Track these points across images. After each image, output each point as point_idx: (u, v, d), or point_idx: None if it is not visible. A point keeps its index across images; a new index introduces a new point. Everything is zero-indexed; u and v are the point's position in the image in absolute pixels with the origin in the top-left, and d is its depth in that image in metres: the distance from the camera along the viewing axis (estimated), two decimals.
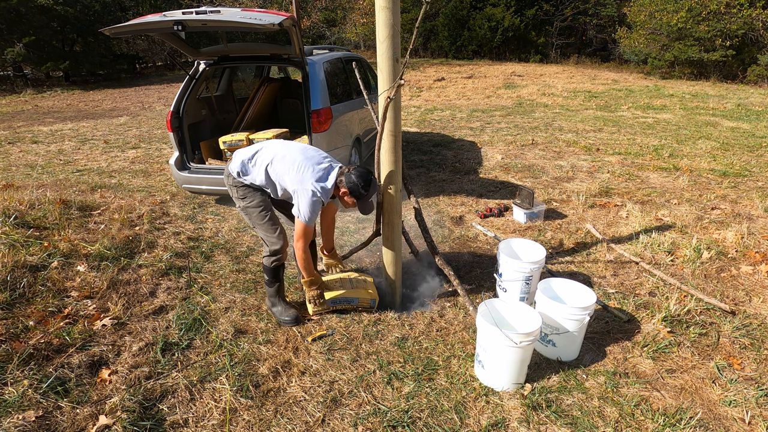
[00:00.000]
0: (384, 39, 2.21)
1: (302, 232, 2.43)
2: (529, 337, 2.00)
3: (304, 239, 2.45)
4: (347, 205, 2.51)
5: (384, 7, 2.14)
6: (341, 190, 2.43)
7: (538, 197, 4.63)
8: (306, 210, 2.36)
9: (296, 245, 2.47)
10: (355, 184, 2.39)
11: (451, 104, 11.35)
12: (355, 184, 2.39)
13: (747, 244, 3.52)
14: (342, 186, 2.42)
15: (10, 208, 3.49)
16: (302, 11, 18.31)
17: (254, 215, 2.55)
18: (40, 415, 1.90)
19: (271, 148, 2.52)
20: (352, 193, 2.41)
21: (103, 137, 8.14)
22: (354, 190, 2.40)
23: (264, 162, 2.47)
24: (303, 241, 2.45)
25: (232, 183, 2.60)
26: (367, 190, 2.41)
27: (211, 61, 4.31)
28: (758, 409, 2.01)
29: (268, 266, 2.60)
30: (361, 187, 2.39)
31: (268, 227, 2.55)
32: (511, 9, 20.91)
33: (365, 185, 2.39)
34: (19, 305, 2.57)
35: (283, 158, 2.44)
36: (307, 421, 1.96)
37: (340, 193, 2.45)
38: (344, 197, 2.46)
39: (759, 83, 14.18)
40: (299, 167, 2.39)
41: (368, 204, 2.50)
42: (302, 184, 2.36)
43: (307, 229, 2.43)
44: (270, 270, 2.61)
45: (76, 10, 17.52)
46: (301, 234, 2.43)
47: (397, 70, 2.29)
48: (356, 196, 2.41)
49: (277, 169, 2.44)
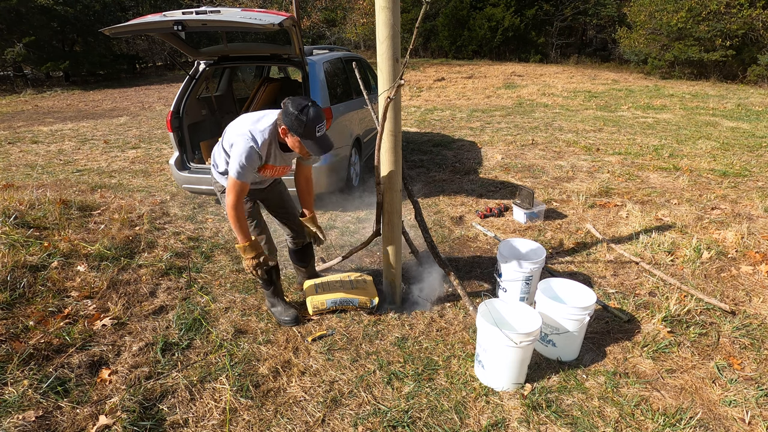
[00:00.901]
0: (384, 39, 2.21)
1: (230, 186, 2.15)
2: (529, 337, 2.00)
3: (233, 195, 2.15)
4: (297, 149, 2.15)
5: (384, 7, 2.14)
6: (282, 131, 2.11)
7: (538, 197, 4.62)
8: (235, 160, 2.08)
9: (226, 203, 2.19)
10: (290, 116, 2.02)
11: (451, 104, 11.35)
12: (290, 116, 2.02)
13: (747, 244, 3.52)
14: (280, 125, 2.10)
15: (10, 208, 3.49)
16: (302, 11, 18.31)
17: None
18: (40, 415, 1.90)
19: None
20: (291, 128, 2.04)
21: (103, 137, 8.14)
22: (291, 124, 2.03)
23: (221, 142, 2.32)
24: (232, 197, 2.15)
25: (219, 189, 2.52)
26: (306, 118, 2.01)
27: (211, 61, 4.31)
28: (758, 409, 2.01)
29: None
30: (296, 116, 2.00)
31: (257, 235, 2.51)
32: (511, 9, 20.91)
33: (301, 112, 2.00)
34: (19, 305, 2.57)
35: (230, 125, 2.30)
36: (307, 421, 1.96)
37: (282, 134, 2.13)
38: (286, 137, 2.13)
39: (759, 83, 14.18)
40: (239, 122, 2.22)
41: (321, 140, 2.09)
42: (237, 132, 2.13)
43: (236, 184, 2.13)
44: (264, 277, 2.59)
45: (76, 10, 17.53)
46: (229, 189, 2.15)
47: (397, 70, 2.29)
48: (297, 131, 2.04)
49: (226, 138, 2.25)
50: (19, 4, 15.56)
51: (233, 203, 2.16)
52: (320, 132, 2.08)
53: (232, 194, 2.14)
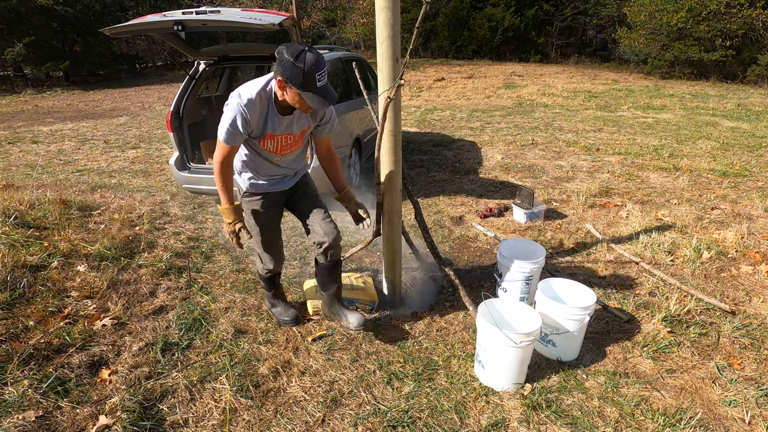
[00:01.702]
0: (384, 39, 2.21)
1: (216, 152, 2.01)
2: (529, 337, 2.00)
3: (219, 156, 2.01)
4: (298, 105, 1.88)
5: (384, 7, 2.14)
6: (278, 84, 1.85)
7: (538, 197, 4.63)
8: (222, 121, 1.91)
9: (215, 162, 2.06)
10: (286, 64, 1.74)
11: (451, 104, 11.35)
12: (286, 64, 1.74)
13: (747, 244, 3.52)
14: (276, 77, 1.83)
15: (10, 208, 3.49)
16: (302, 11, 18.31)
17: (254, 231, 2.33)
18: (40, 415, 1.90)
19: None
20: (288, 78, 1.75)
21: (103, 137, 8.14)
22: (287, 73, 1.75)
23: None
24: (218, 157, 2.01)
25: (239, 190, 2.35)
26: (303, 65, 1.73)
27: (211, 61, 4.31)
28: (758, 409, 2.01)
29: (262, 275, 2.57)
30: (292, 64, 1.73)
31: (264, 248, 2.38)
32: (511, 9, 20.90)
33: (297, 58, 1.73)
34: (19, 305, 2.57)
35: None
36: (307, 421, 1.96)
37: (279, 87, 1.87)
38: (284, 92, 1.85)
39: (759, 83, 14.18)
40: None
41: (323, 90, 1.80)
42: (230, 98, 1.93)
43: (222, 146, 1.97)
44: (264, 279, 2.58)
45: (76, 10, 17.53)
46: (216, 154, 2.02)
47: (397, 70, 2.29)
48: (294, 81, 1.76)
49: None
50: (19, 4, 15.56)
51: (218, 163, 2.01)
52: (321, 81, 1.78)
53: (218, 155, 2.01)
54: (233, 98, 1.89)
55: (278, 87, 1.86)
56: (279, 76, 1.80)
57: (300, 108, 1.90)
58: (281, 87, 1.84)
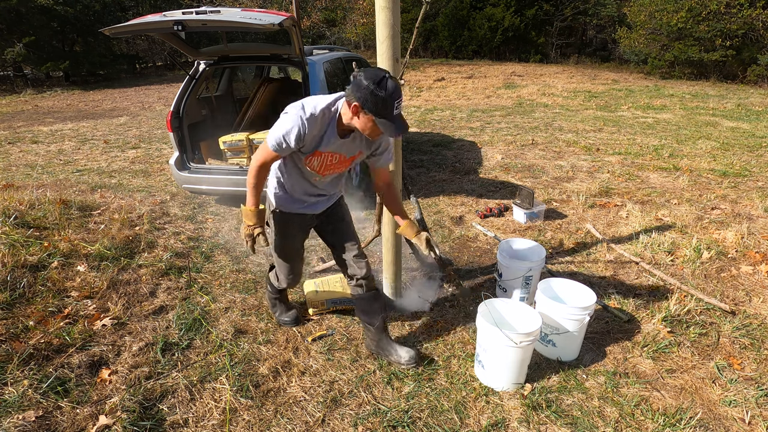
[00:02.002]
0: (384, 39, 2.21)
1: (259, 153, 1.92)
2: (529, 337, 2.00)
3: (260, 158, 1.92)
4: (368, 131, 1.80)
5: (384, 7, 2.14)
6: (351, 106, 1.74)
7: (538, 197, 4.62)
8: (276, 126, 1.83)
9: (253, 162, 1.96)
10: (364, 89, 1.66)
11: (451, 104, 11.35)
12: (364, 89, 1.66)
13: (747, 244, 3.52)
14: (350, 101, 1.74)
15: (10, 208, 3.49)
16: (302, 11, 18.31)
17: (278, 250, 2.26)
18: (40, 415, 1.90)
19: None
20: (365, 104, 1.68)
21: (103, 137, 8.13)
22: (365, 99, 1.67)
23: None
24: (258, 159, 1.92)
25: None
26: (385, 92, 1.66)
27: (211, 61, 4.31)
28: (758, 409, 2.01)
29: (273, 284, 2.54)
30: (372, 90, 1.65)
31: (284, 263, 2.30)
32: (511, 9, 20.90)
33: (378, 85, 1.65)
34: (19, 305, 2.57)
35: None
36: (307, 421, 1.96)
37: (351, 112, 1.76)
38: (357, 116, 1.76)
39: (759, 83, 14.18)
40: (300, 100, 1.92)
41: (398, 118, 1.73)
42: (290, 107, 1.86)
43: (268, 151, 1.88)
44: (274, 288, 2.57)
45: (76, 10, 17.52)
46: (257, 155, 1.93)
47: (397, 70, 2.29)
48: (372, 107, 1.69)
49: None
50: (19, 4, 15.55)
51: (257, 164, 1.92)
52: (398, 109, 1.73)
53: (259, 156, 1.91)
54: (295, 109, 1.80)
55: (350, 111, 1.76)
56: (355, 101, 1.71)
57: (369, 134, 1.82)
58: (354, 112, 1.75)
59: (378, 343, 2.33)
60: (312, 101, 1.83)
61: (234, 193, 4.35)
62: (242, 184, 4.14)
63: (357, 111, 1.74)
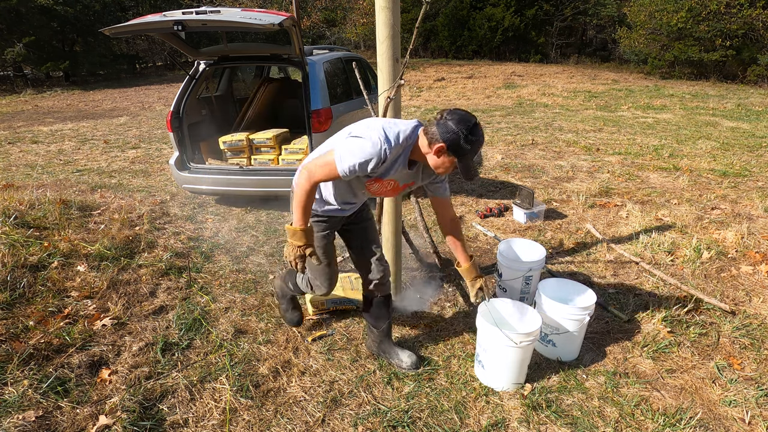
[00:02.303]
0: (384, 39, 2.21)
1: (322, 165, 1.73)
2: (529, 337, 2.00)
3: (319, 178, 1.75)
4: (442, 169, 1.77)
5: (384, 7, 2.14)
6: (434, 146, 1.68)
7: (538, 197, 4.62)
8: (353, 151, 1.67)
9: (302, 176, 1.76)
10: (455, 134, 1.63)
11: (451, 104, 11.35)
12: (455, 134, 1.63)
13: (747, 244, 3.52)
14: (434, 139, 1.67)
15: (10, 208, 3.49)
16: (302, 11, 18.31)
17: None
18: (40, 415, 1.90)
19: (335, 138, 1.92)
20: (452, 146, 1.65)
21: (103, 137, 8.14)
22: (454, 141, 1.64)
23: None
24: (316, 175, 1.74)
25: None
26: (475, 138, 1.66)
27: (211, 61, 4.31)
28: (758, 409, 2.01)
29: (301, 288, 2.31)
30: (464, 136, 1.63)
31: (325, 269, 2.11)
32: (511, 9, 20.91)
33: (471, 131, 1.64)
34: (19, 305, 2.57)
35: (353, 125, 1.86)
36: (307, 421, 1.96)
37: (433, 149, 1.69)
38: (437, 156, 1.70)
39: (759, 83, 14.18)
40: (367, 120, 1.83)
41: (472, 164, 1.73)
42: (369, 125, 1.75)
43: (332, 173, 1.71)
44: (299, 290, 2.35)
45: (76, 10, 17.52)
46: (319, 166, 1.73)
47: (397, 70, 2.29)
48: (459, 151, 1.66)
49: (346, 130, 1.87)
50: (19, 4, 15.56)
51: (314, 182, 1.75)
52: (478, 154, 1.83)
53: (319, 174, 1.73)
54: (377, 136, 1.67)
55: (432, 150, 1.70)
56: (442, 143, 1.66)
57: (441, 170, 1.78)
58: (438, 152, 1.69)
59: (380, 345, 2.33)
60: (393, 129, 1.72)
61: (234, 194, 4.36)
62: (242, 184, 4.16)
63: (441, 151, 1.69)
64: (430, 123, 1.71)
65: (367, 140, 1.67)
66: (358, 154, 1.66)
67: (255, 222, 4.16)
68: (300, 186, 1.76)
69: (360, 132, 1.73)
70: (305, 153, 4.30)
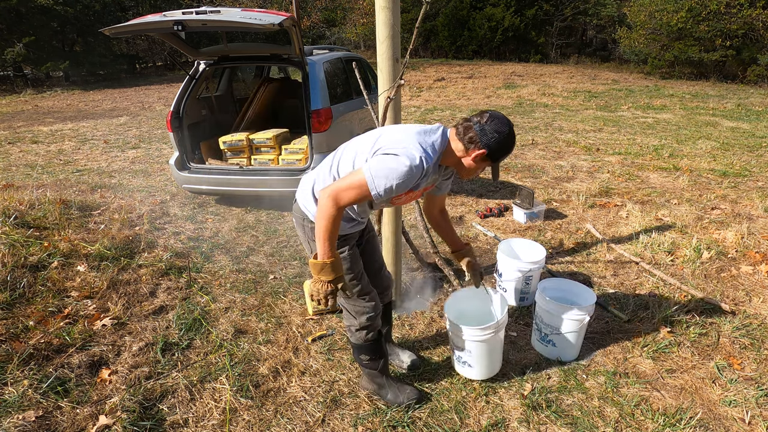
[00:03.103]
0: (384, 39, 2.21)
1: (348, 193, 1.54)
2: (488, 331, 1.99)
3: (347, 201, 1.55)
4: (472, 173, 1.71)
5: (384, 7, 2.14)
6: (473, 152, 1.59)
7: (538, 197, 4.62)
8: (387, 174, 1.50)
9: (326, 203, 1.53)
10: (496, 141, 1.57)
11: (451, 104, 11.35)
12: (496, 141, 1.57)
13: (747, 244, 3.52)
14: (473, 145, 1.59)
15: (10, 208, 3.49)
16: (302, 11, 18.32)
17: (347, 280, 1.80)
18: (40, 415, 1.90)
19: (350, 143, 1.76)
20: (492, 153, 1.59)
21: (103, 137, 8.13)
22: (495, 149, 1.58)
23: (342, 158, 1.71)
24: (345, 201, 1.55)
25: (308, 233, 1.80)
26: (512, 143, 1.61)
27: (211, 61, 4.31)
28: (758, 409, 2.01)
29: (361, 344, 1.93)
30: (505, 142, 1.58)
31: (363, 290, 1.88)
32: (511, 9, 20.92)
33: (510, 137, 1.59)
34: (19, 305, 2.57)
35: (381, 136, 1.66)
36: (307, 421, 1.96)
37: (471, 155, 1.60)
38: (475, 161, 1.62)
39: (759, 83, 14.18)
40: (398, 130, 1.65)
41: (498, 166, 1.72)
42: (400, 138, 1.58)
43: (364, 194, 1.54)
44: (367, 343, 1.92)
45: (76, 10, 17.52)
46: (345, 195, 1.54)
47: (397, 70, 2.29)
48: (496, 156, 1.61)
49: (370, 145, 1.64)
50: (19, 4, 15.56)
51: (343, 206, 1.55)
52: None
53: (351, 198, 1.54)
54: (415, 151, 1.52)
55: (471, 156, 1.61)
56: (483, 149, 1.58)
57: (471, 174, 1.71)
58: (476, 157, 1.60)
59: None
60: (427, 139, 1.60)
61: (234, 193, 4.35)
62: (242, 184, 4.16)
63: (480, 158, 1.61)
64: (461, 125, 1.62)
65: (404, 157, 1.50)
66: (392, 175, 1.50)
67: (255, 222, 4.16)
68: (325, 213, 1.53)
69: (392, 147, 1.55)
70: (305, 153, 4.30)
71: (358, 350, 1.97)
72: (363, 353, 1.96)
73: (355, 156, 1.68)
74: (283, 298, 2.91)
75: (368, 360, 1.97)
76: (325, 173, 1.75)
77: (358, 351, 1.97)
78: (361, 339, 1.91)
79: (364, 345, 1.93)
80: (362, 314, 1.87)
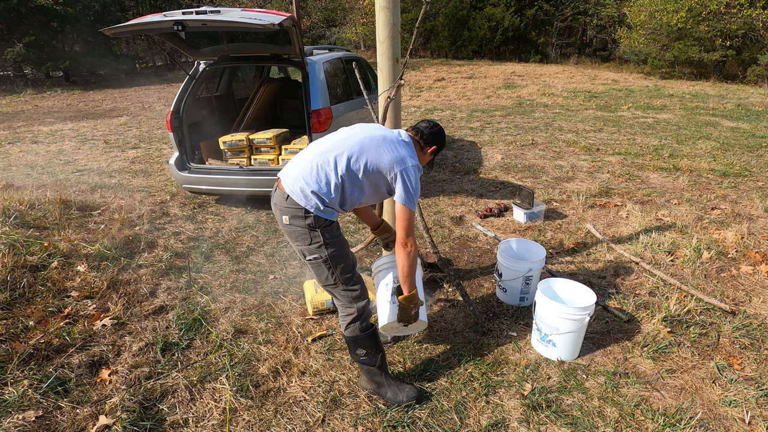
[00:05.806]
0: (384, 39, 2.21)
1: (410, 222, 1.86)
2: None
3: (410, 231, 1.87)
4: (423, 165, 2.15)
5: (384, 7, 2.15)
6: (429, 148, 2.08)
7: (538, 197, 4.62)
8: (411, 189, 1.85)
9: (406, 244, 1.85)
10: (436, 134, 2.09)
11: (451, 104, 11.35)
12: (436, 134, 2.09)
13: (747, 244, 3.52)
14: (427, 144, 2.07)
15: (10, 208, 3.50)
16: (302, 11, 18.32)
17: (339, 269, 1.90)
18: (40, 415, 1.90)
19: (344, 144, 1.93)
20: (440, 144, 2.12)
21: (103, 137, 8.13)
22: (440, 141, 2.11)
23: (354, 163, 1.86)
24: (411, 229, 1.87)
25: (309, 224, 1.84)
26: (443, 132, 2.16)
27: (211, 61, 4.31)
28: (758, 409, 2.01)
29: (356, 335, 1.97)
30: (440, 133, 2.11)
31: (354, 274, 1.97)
32: (511, 9, 20.91)
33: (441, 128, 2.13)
34: (19, 305, 2.57)
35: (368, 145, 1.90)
36: (307, 421, 1.96)
37: (428, 152, 2.09)
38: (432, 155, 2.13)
39: (759, 83, 14.18)
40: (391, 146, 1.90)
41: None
42: (404, 163, 1.87)
43: (412, 214, 1.87)
44: (365, 333, 1.97)
45: (76, 10, 17.51)
46: (407, 229, 1.85)
47: (397, 70, 2.29)
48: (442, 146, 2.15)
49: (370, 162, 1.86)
50: (19, 4, 15.55)
51: (412, 236, 1.86)
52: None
53: (409, 226, 1.86)
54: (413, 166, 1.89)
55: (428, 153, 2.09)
56: (433, 145, 2.08)
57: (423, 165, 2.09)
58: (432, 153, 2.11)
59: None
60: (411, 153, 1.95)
61: (234, 193, 4.35)
62: (242, 184, 4.16)
63: (433, 151, 2.10)
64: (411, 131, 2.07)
65: (412, 173, 1.87)
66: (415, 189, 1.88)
67: (255, 222, 4.16)
68: (411, 254, 1.86)
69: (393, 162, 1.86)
70: None
71: (355, 345, 1.99)
72: (360, 347, 1.99)
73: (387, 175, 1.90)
74: (283, 298, 2.91)
75: (365, 355, 1.99)
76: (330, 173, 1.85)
77: (355, 346, 1.99)
78: (357, 330, 1.96)
79: (360, 337, 1.97)
80: (357, 299, 1.95)
